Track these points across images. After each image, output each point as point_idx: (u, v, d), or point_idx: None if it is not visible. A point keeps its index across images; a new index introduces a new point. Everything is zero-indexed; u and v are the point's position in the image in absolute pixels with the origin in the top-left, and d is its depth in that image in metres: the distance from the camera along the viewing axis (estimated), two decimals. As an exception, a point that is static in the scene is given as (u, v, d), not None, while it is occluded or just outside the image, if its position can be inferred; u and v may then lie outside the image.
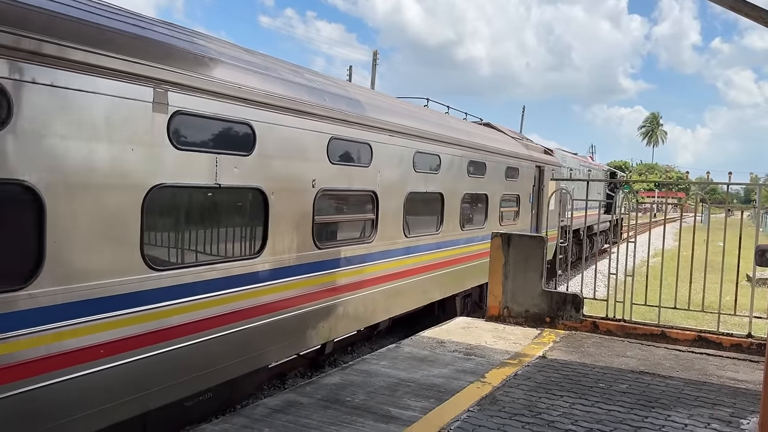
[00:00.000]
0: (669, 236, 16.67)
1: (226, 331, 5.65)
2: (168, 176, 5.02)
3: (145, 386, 4.90)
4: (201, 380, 5.47)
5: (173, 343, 5.11)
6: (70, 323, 4.32)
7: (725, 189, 8.37)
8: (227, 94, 5.47)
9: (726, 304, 8.05)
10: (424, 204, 9.53)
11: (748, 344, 7.35)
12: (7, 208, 4.04)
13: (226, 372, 5.74)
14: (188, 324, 5.25)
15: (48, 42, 4.08)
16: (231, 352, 5.73)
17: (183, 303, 5.20)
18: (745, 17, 4.82)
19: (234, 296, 5.76)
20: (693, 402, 5.61)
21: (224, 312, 5.62)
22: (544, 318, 8.41)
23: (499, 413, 5.19)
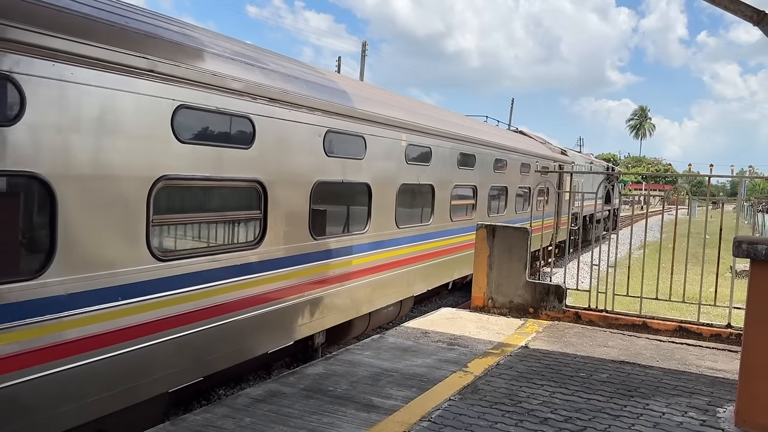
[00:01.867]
0: (657, 228, 16.75)
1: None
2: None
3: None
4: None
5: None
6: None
7: (711, 181, 8.44)
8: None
9: (709, 295, 8.15)
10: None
11: (728, 334, 7.45)
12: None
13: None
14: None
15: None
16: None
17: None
18: (726, 11, 4.87)
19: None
20: (671, 391, 5.69)
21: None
22: (528, 308, 8.48)
23: (480, 402, 5.24)
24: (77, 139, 4.49)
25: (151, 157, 5.08)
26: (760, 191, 56.58)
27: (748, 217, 33.76)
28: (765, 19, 4.56)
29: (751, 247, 4.06)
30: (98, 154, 4.65)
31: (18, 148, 4.07)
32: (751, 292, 4.13)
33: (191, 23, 6.33)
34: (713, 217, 12.99)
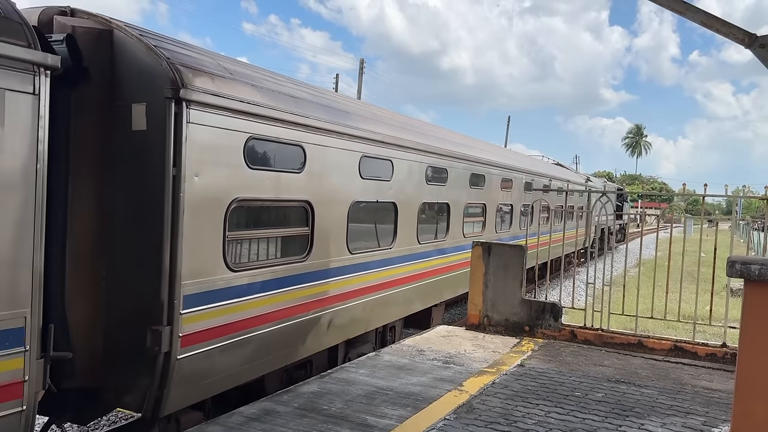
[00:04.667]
0: (652, 246, 16.75)
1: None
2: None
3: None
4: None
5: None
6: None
7: (706, 200, 8.49)
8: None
9: (704, 313, 8.16)
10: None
11: (723, 353, 7.44)
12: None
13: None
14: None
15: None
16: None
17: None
18: (717, 33, 4.93)
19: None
20: (667, 411, 5.67)
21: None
22: (524, 327, 8.46)
23: (475, 421, 5.21)
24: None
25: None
26: (755, 210, 56.88)
27: (743, 236, 33.89)
28: (756, 41, 4.62)
29: (744, 267, 4.07)
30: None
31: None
32: (745, 312, 4.13)
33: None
34: (708, 235, 13.07)
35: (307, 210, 6.99)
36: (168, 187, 5.07)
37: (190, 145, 5.19)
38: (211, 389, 5.88)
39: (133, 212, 5.25)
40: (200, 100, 5.28)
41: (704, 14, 4.78)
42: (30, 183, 4.10)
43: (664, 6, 4.90)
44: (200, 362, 5.54)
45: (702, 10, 4.82)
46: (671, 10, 4.88)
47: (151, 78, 5.10)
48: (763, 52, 4.59)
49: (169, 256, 5.12)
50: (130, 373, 5.25)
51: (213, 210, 5.59)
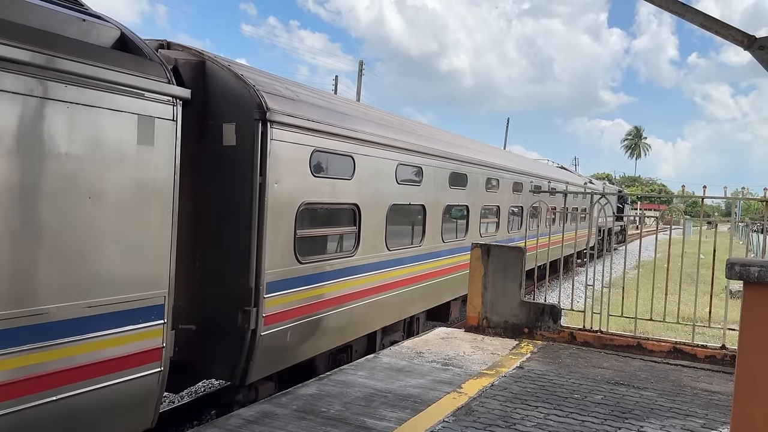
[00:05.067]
0: (651, 248, 16.79)
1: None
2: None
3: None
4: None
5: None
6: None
7: (705, 202, 8.49)
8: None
9: (703, 315, 8.15)
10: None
11: (722, 355, 7.43)
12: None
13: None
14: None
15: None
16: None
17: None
18: (716, 35, 4.92)
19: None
20: (666, 413, 5.66)
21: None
22: (523, 328, 8.45)
23: (474, 424, 5.20)
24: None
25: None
26: (754, 212, 56.84)
27: (743, 238, 33.89)
28: (755, 43, 4.61)
29: (743, 269, 4.06)
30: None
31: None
32: (744, 314, 4.12)
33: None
34: (707, 237, 13.06)
35: (355, 212, 7.99)
36: (255, 193, 6.12)
37: (272, 157, 6.24)
38: (282, 363, 6.92)
39: (224, 213, 6.23)
40: (279, 120, 6.32)
41: (703, 16, 4.77)
42: (169, 190, 5.11)
43: (664, 8, 4.90)
44: (276, 339, 6.57)
45: (701, 12, 4.82)
46: (670, 11, 4.88)
47: (239, 102, 6.14)
48: (762, 54, 4.59)
49: (256, 249, 6.17)
50: (223, 347, 6.21)
51: (287, 212, 6.63)
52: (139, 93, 4.80)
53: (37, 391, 4.16)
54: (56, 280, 4.27)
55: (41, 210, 4.18)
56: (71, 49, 4.38)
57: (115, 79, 4.60)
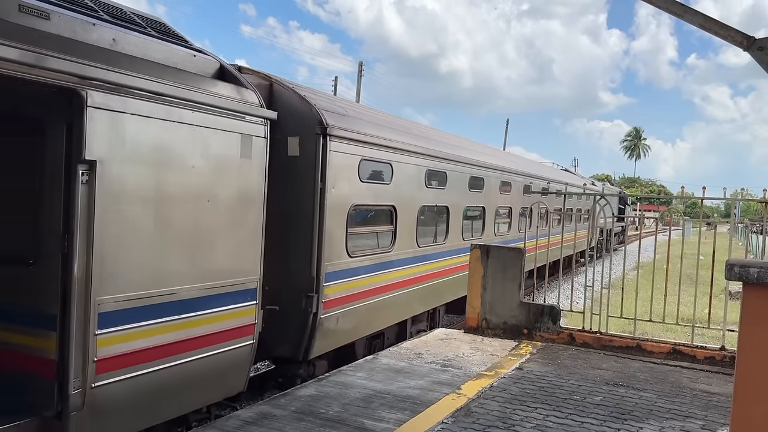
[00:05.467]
0: (651, 249, 16.81)
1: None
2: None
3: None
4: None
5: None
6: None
7: (705, 203, 8.48)
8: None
9: (703, 316, 8.14)
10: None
11: (721, 356, 7.43)
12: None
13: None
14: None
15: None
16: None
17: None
18: (716, 36, 4.92)
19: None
20: (665, 414, 5.65)
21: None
22: (522, 329, 8.44)
23: (473, 425, 5.19)
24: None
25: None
26: (753, 213, 56.85)
27: (742, 239, 33.90)
28: (754, 44, 4.61)
29: (743, 270, 4.05)
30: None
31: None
32: (743, 315, 4.11)
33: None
34: (707, 238, 13.07)
35: (392, 212, 8.97)
36: (317, 197, 7.14)
37: (330, 166, 7.23)
38: (335, 344, 7.87)
39: (291, 213, 7.18)
40: (335, 134, 7.32)
41: (703, 17, 4.77)
42: (260, 195, 6.25)
43: (663, 8, 4.90)
44: (331, 322, 7.56)
45: (700, 13, 4.82)
46: (670, 12, 4.88)
47: (303, 119, 7.13)
48: (761, 54, 4.58)
49: (318, 245, 7.18)
50: (289, 328, 7.14)
51: (340, 213, 7.61)
52: (242, 116, 5.92)
53: (168, 356, 5.16)
54: (184, 266, 5.34)
55: (175, 211, 5.23)
56: (196, 82, 5.48)
57: (227, 105, 5.72)
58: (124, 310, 4.80)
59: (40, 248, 4.71)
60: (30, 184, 4.76)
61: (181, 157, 5.24)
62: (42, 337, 4.65)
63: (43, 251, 4.70)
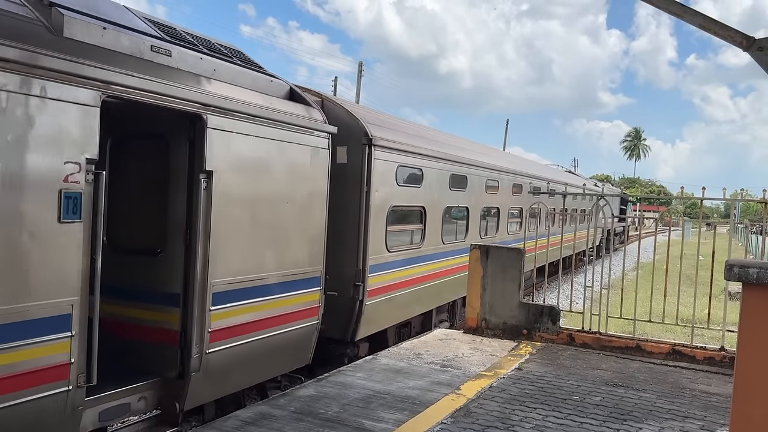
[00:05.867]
0: (650, 249, 16.76)
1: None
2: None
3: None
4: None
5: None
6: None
7: (704, 203, 8.47)
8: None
9: (702, 317, 8.14)
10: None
11: (721, 357, 7.42)
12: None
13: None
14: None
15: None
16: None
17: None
18: (716, 36, 4.91)
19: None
20: (665, 415, 5.65)
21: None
22: (522, 330, 8.44)
23: (472, 425, 5.19)
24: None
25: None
26: (753, 213, 56.86)
27: (742, 239, 33.90)
28: (754, 44, 4.60)
29: (742, 270, 4.04)
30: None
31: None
32: (743, 316, 4.10)
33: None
34: (707, 238, 13.05)
35: (422, 212, 9.97)
36: (363, 199, 8.19)
37: (374, 172, 8.28)
38: (374, 328, 8.85)
39: (342, 213, 8.00)
40: (378, 144, 8.34)
41: (702, 17, 4.76)
42: (324, 197, 7.33)
43: (663, 9, 4.89)
44: (373, 309, 8.55)
45: (700, 13, 4.81)
46: (669, 12, 4.87)
47: (350, 131, 8.06)
48: (761, 55, 4.58)
49: (363, 240, 8.20)
50: (339, 313, 8.15)
51: (381, 213, 8.62)
52: (311, 131, 7.05)
53: (257, 330, 6.30)
54: (270, 256, 6.47)
55: (265, 211, 6.38)
56: (276, 104, 6.58)
57: (300, 123, 6.85)
58: (229, 291, 5.90)
59: (166, 241, 5.82)
60: (158, 189, 5.84)
61: (268, 167, 6.40)
62: (168, 313, 5.77)
63: (169, 243, 5.81)
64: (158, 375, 5.66)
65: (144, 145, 5.99)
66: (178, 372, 5.62)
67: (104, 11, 5.23)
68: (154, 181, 5.89)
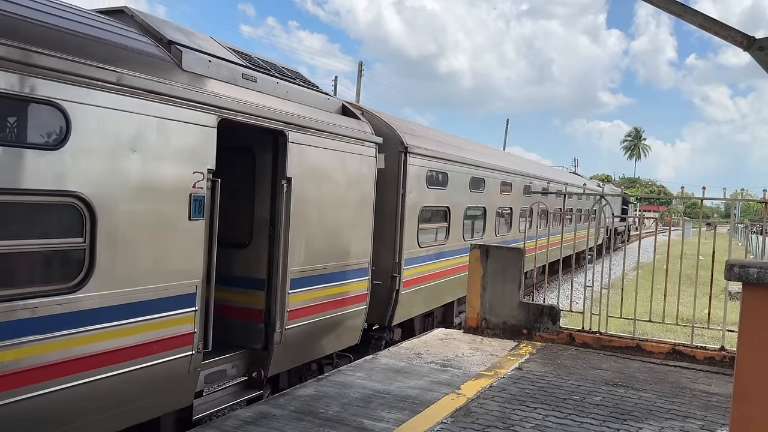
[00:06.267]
0: (651, 249, 16.74)
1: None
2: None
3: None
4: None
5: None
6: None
7: (705, 203, 8.47)
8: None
9: (702, 316, 8.14)
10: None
11: (721, 357, 7.42)
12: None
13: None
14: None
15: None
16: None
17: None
18: (716, 36, 4.91)
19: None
20: (665, 414, 5.65)
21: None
22: (522, 330, 8.44)
23: (472, 425, 5.19)
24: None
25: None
26: (753, 213, 56.83)
27: (742, 239, 33.89)
28: (754, 44, 4.60)
29: (742, 270, 4.04)
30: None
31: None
32: (743, 316, 4.10)
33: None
34: (707, 238, 13.05)
35: (447, 212, 11.02)
36: (400, 200, 9.21)
37: (408, 176, 9.30)
38: (406, 316, 9.93)
39: (381, 213, 8.87)
40: (411, 151, 9.39)
41: (702, 17, 4.76)
42: (372, 199, 8.44)
43: (663, 8, 4.89)
44: (406, 298, 9.58)
45: (701, 13, 4.80)
46: (670, 12, 4.87)
47: (388, 140, 8.98)
48: (761, 54, 4.57)
49: (400, 236, 9.22)
50: (380, 301, 9.17)
51: (413, 212, 9.63)
52: (362, 142, 8.11)
53: (319, 312, 7.37)
54: (331, 249, 7.55)
55: (327, 211, 7.45)
56: (334, 119, 7.64)
57: (354, 135, 7.92)
58: (302, 278, 6.99)
59: (253, 235, 7.03)
60: (246, 192, 7.02)
61: (331, 174, 7.47)
62: (254, 295, 6.93)
63: (255, 237, 7.02)
64: (246, 347, 6.80)
65: (235, 156, 6.80)
66: (262, 345, 6.78)
67: (202, 44, 6.15)
68: (243, 187, 7.01)
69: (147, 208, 5.02)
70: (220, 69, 6.01)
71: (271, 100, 6.54)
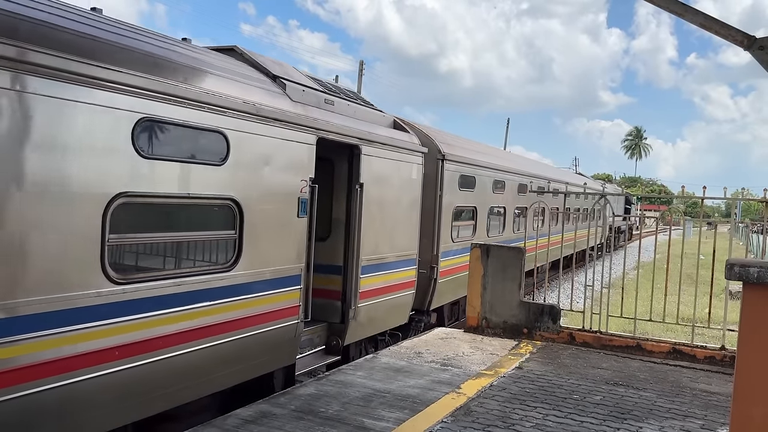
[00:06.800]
0: (651, 248, 16.70)
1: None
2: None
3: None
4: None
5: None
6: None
7: (705, 203, 8.47)
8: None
9: (703, 316, 8.14)
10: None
11: (721, 356, 7.42)
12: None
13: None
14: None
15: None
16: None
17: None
18: (716, 35, 4.91)
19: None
20: (665, 414, 5.65)
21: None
22: (522, 329, 8.44)
23: (473, 424, 5.19)
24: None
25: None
26: (753, 213, 56.79)
27: (742, 239, 33.87)
28: (755, 43, 4.60)
29: (743, 269, 4.04)
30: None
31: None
32: (743, 315, 4.10)
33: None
34: (707, 238, 13.06)
35: (474, 211, 12.52)
36: (437, 200, 10.60)
37: (444, 180, 10.71)
38: (441, 302, 11.34)
39: (423, 211, 10.05)
40: (447, 158, 10.79)
41: (703, 16, 4.76)
42: (419, 200, 9.80)
43: (663, 8, 4.89)
44: (441, 286, 10.94)
45: (701, 12, 4.80)
46: (670, 11, 4.86)
47: (427, 148, 10.15)
48: (762, 54, 4.57)
49: (437, 231, 10.63)
50: (421, 288, 10.31)
51: (448, 211, 11.05)
52: (412, 152, 9.51)
53: (379, 295, 8.79)
54: (388, 242, 8.89)
55: (386, 211, 8.81)
56: (390, 134, 9.05)
57: (407, 146, 9.33)
58: (369, 265, 8.42)
59: (332, 230, 8.46)
60: (326, 195, 8.10)
61: (389, 180, 8.85)
62: (333, 279, 8.33)
63: (333, 232, 8.45)
64: (327, 321, 8.18)
65: (318, 165, 7.53)
66: (339, 319, 8.21)
67: (291, 74, 7.53)
68: (324, 191, 7.79)
69: (273, 207, 6.48)
70: (310, 96, 7.37)
71: (346, 119, 7.92)
